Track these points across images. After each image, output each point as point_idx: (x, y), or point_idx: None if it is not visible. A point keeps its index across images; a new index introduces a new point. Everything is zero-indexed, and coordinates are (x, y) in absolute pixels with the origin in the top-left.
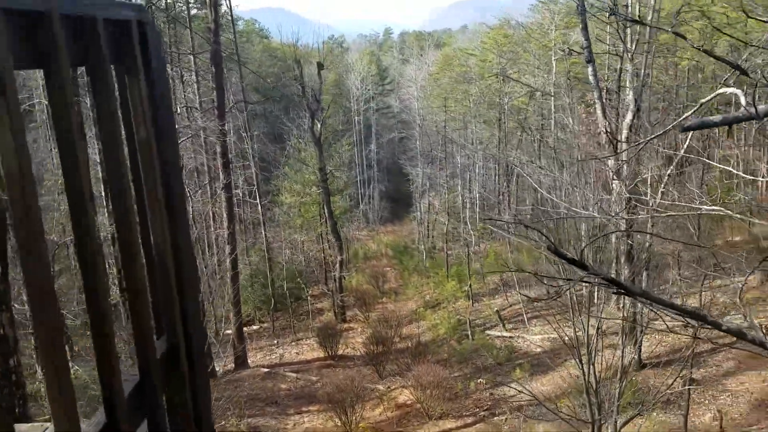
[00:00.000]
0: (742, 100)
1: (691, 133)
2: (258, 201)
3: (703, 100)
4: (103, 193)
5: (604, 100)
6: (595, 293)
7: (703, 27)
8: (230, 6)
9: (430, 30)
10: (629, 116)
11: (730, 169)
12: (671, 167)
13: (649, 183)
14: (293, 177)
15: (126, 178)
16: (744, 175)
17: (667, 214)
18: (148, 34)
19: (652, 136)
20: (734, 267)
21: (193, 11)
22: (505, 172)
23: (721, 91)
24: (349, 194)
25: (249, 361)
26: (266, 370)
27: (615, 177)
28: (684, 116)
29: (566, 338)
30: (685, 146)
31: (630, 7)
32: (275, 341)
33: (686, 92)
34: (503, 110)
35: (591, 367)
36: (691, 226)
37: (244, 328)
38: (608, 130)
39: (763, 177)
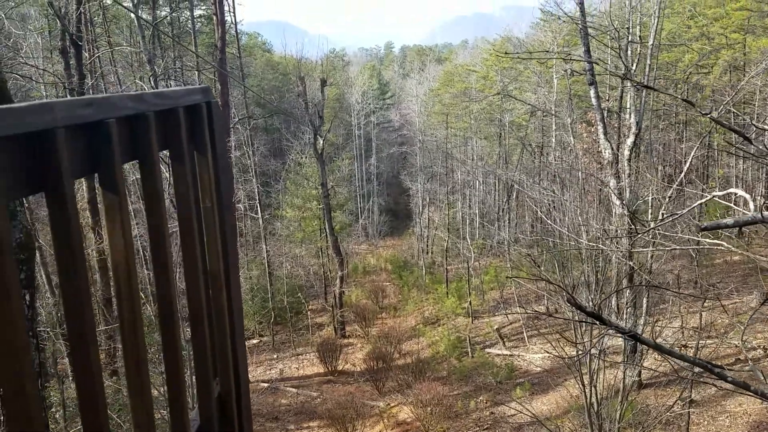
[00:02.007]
0: (751, 206)
1: (692, 155)
2: (259, 215)
3: (719, 193)
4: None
5: (605, 121)
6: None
7: (702, 46)
8: (235, 22)
9: (432, 44)
10: (631, 138)
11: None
12: (672, 189)
13: (650, 204)
14: (294, 191)
15: (215, 245)
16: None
17: (670, 249)
18: (213, 112)
19: (666, 218)
20: (733, 287)
21: (198, 25)
22: (506, 188)
23: (732, 190)
24: (348, 208)
25: (249, 376)
26: (266, 385)
27: (617, 198)
28: (690, 207)
29: (566, 357)
30: (686, 168)
31: (631, 30)
32: (275, 356)
33: (685, 111)
34: (504, 127)
35: (592, 388)
36: (691, 251)
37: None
38: (609, 158)
39: (761, 196)
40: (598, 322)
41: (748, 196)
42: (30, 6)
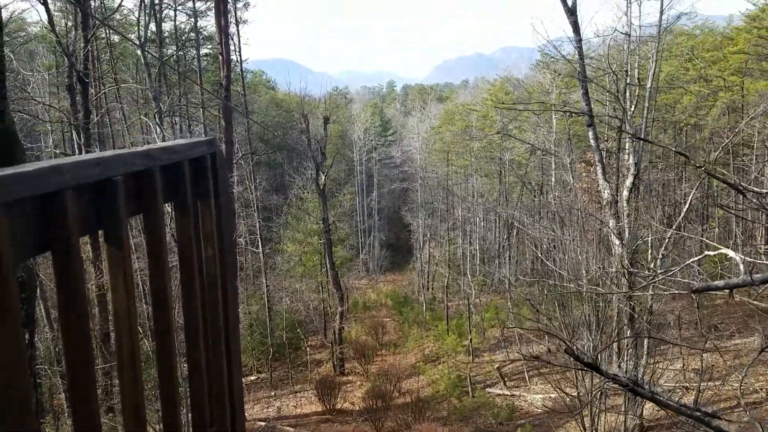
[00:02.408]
0: (742, 268)
1: (691, 196)
2: (260, 249)
3: (711, 253)
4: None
5: (604, 162)
6: (598, 353)
7: (700, 88)
8: (240, 60)
9: (433, 83)
10: (630, 179)
11: (726, 251)
12: (672, 230)
13: (650, 244)
14: (295, 226)
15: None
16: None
17: (669, 292)
18: (217, 163)
19: (662, 272)
20: (734, 329)
21: (203, 63)
22: (506, 225)
23: (723, 251)
24: (349, 243)
25: (246, 414)
26: (263, 423)
27: (617, 238)
28: (692, 260)
29: (568, 399)
30: (685, 209)
31: (629, 73)
32: (273, 393)
33: (683, 142)
34: (504, 165)
35: (593, 431)
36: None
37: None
38: (609, 198)
39: (761, 238)
40: (596, 372)
41: (738, 258)
42: (38, 43)
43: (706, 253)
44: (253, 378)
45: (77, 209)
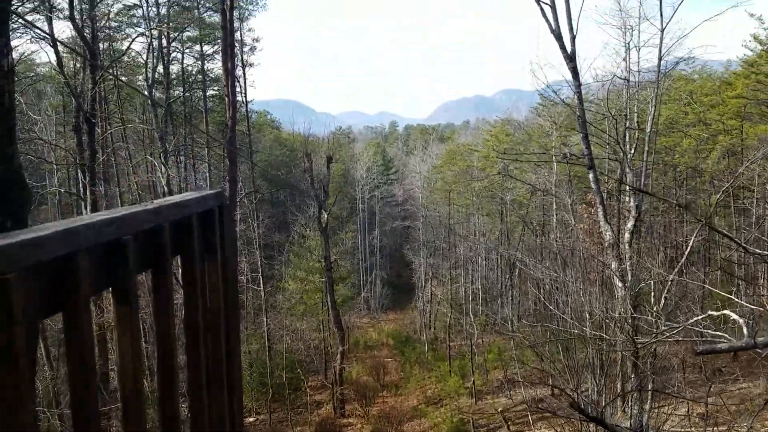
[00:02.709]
0: (745, 331)
1: (693, 239)
2: (261, 287)
3: (714, 313)
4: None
5: (605, 204)
6: (603, 397)
7: (700, 132)
8: (245, 101)
9: (434, 123)
10: (631, 222)
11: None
12: (674, 272)
13: (652, 287)
14: (297, 264)
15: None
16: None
17: (673, 339)
18: (224, 215)
19: (665, 328)
20: (739, 373)
21: (209, 104)
22: (508, 265)
23: (727, 312)
24: (351, 281)
25: None
26: None
27: (619, 281)
28: (695, 319)
29: None
30: (687, 252)
31: (629, 116)
32: None
33: (685, 194)
34: (505, 204)
35: None
36: (693, 334)
37: None
38: (611, 240)
39: (763, 279)
40: (600, 426)
41: (742, 321)
42: (46, 83)
43: (710, 312)
44: (251, 420)
45: (88, 269)
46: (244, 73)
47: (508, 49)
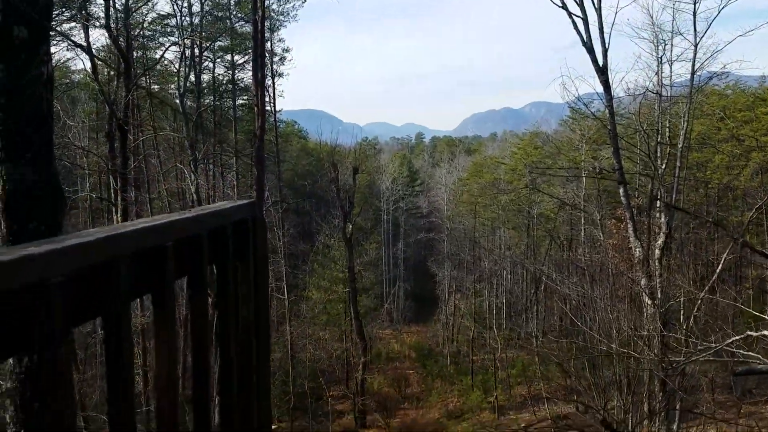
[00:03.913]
0: None
1: (724, 257)
2: (285, 296)
3: (751, 333)
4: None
5: (635, 220)
6: (629, 415)
7: (732, 148)
8: (274, 111)
9: (461, 135)
10: (662, 238)
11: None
12: (705, 290)
13: (682, 305)
14: (321, 273)
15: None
16: None
17: (703, 358)
18: (257, 226)
19: (701, 348)
20: None
21: (239, 113)
22: (534, 279)
23: (766, 333)
24: (374, 292)
25: None
26: None
27: (648, 298)
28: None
29: None
30: (719, 270)
31: (660, 131)
32: None
33: (716, 211)
34: (532, 218)
35: None
36: (725, 354)
37: None
38: (640, 257)
39: None
40: None
41: None
42: (80, 90)
43: (749, 333)
44: (273, 427)
45: (128, 275)
46: (274, 84)
47: (536, 59)
